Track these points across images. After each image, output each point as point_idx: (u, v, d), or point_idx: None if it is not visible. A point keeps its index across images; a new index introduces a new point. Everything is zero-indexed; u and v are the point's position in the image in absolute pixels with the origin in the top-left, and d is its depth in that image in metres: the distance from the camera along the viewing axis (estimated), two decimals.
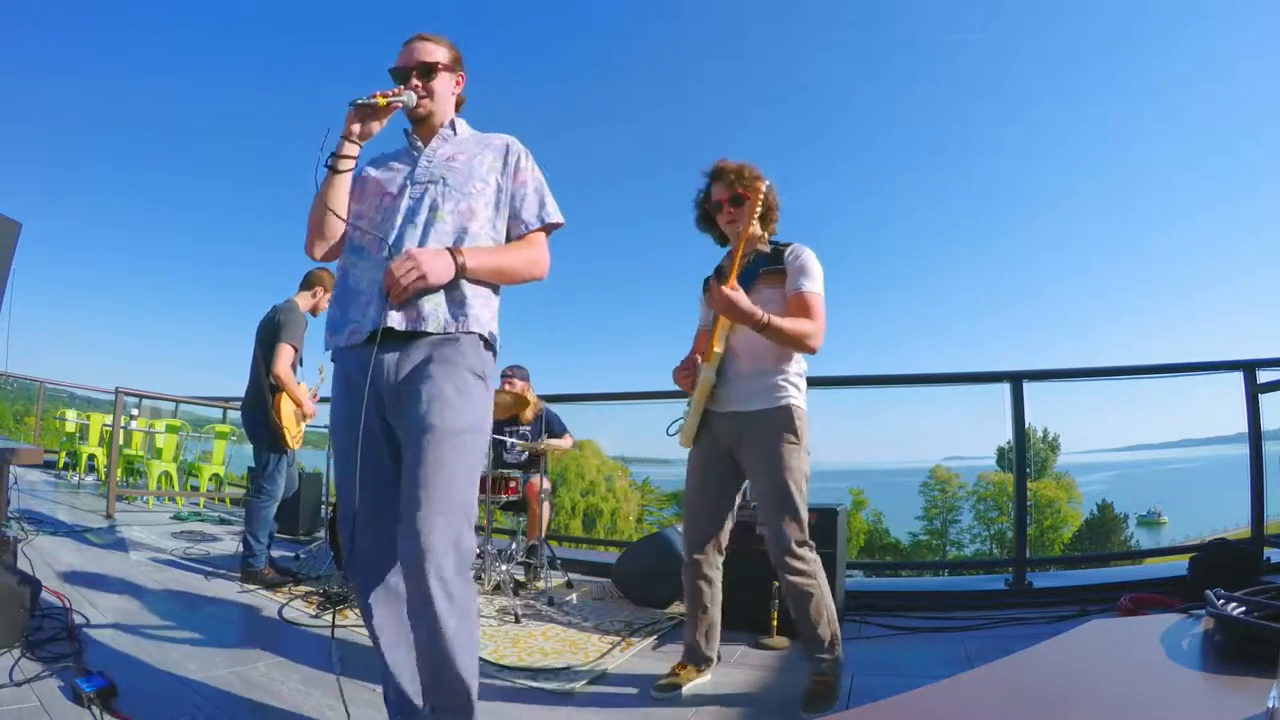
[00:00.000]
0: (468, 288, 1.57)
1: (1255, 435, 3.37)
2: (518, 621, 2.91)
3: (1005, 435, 3.85)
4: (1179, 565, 3.27)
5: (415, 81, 1.68)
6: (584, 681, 2.22)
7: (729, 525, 2.21)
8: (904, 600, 3.28)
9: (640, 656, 2.55)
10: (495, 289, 1.67)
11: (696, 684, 2.17)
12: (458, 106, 1.81)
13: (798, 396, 2.08)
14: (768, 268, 2.10)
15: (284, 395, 3.50)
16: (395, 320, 1.51)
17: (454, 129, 1.74)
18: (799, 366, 2.12)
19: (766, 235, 2.18)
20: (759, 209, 2.02)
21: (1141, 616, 0.81)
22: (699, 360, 2.18)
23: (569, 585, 3.68)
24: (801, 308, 2.01)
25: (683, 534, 2.22)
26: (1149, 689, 0.59)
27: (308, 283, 3.66)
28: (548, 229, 1.73)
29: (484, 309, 1.61)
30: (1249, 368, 3.42)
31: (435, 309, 1.54)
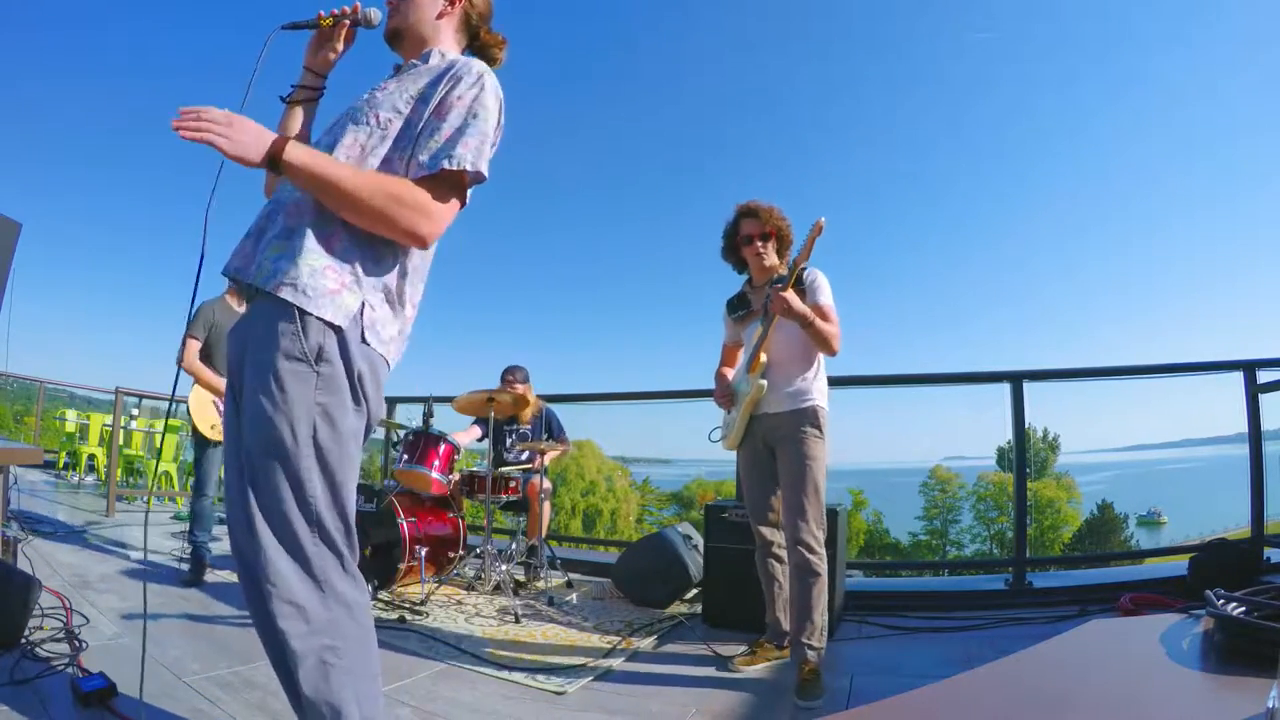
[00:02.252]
0: (312, 238, 1.19)
1: (1255, 435, 3.37)
2: (518, 621, 2.91)
3: (1005, 435, 3.86)
4: (1179, 565, 3.27)
5: None
6: (584, 681, 2.22)
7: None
8: (904, 600, 3.28)
9: (640, 656, 2.55)
10: (377, 261, 1.24)
11: (775, 663, 2.43)
12: (487, 54, 1.46)
13: (821, 398, 2.41)
14: (794, 289, 2.38)
15: (195, 387, 3.51)
16: (232, 265, 1.24)
17: (429, 60, 1.37)
18: (822, 374, 2.46)
19: (783, 263, 2.55)
20: (810, 248, 2.28)
21: (1141, 616, 0.81)
22: (726, 373, 2.67)
23: (569, 585, 3.68)
24: (822, 317, 2.34)
25: (748, 514, 2.57)
26: (1149, 689, 0.59)
27: None
28: (450, 179, 1.22)
29: (326, 277, 1.18)
30: (1249, 368, 3.42)
31: (269, 256, 1.20)
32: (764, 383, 2.40)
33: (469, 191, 1.28)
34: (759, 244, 2.51)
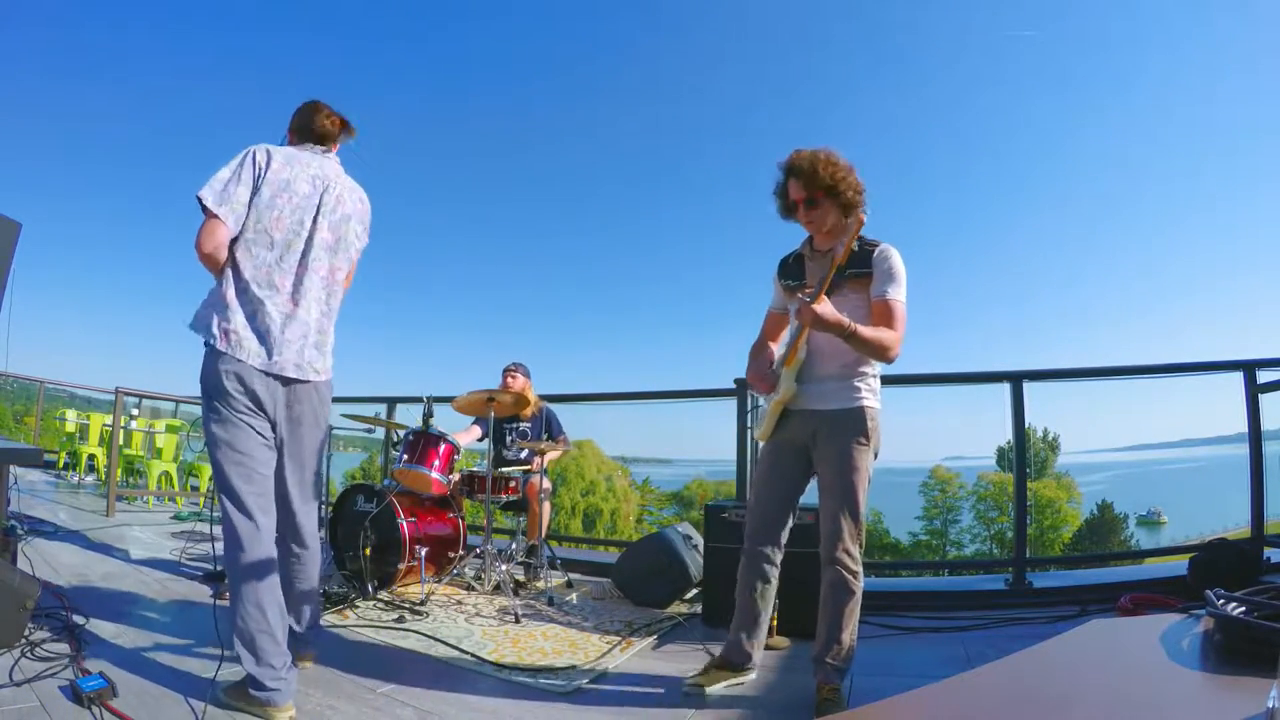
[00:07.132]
0: None
1: (1255, 435, 3.37)
2: (518, 621, 2.91)
3: (1005, 435, 3.85)
4: (1179, 565, 3.27)
5: None
6: (584, 681, 2.22)
7: (791, 523, 2.21)
8: (904, 600, 3.28)
9: (640, 656, 2.55)
10: (217, 284, 1.94)
11: (729, 684, 2.15)
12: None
13: (871, 398, 2.10)
14: (855, 271, 2.05)
15: None
16: None
17: None
18: (875, 368, 2.13)
19: (853, 217, 2.08)
20: (849, 250, 1.96)
21: (1141, 616, 0.81)
22: (769, 348, 2.29)
23: (569, 585, 3.68)
24: (884, 315, 2.01)
25: (746, 524, 2.24)
26: (1149, 689, 0.59)
27: None
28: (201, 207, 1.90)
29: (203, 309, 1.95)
30: (1249, 368, 3.42)
31: None
32: (794, 384, 2.11)
33: (216, 209, 1.88)
34: (804, 212, 2.08)
